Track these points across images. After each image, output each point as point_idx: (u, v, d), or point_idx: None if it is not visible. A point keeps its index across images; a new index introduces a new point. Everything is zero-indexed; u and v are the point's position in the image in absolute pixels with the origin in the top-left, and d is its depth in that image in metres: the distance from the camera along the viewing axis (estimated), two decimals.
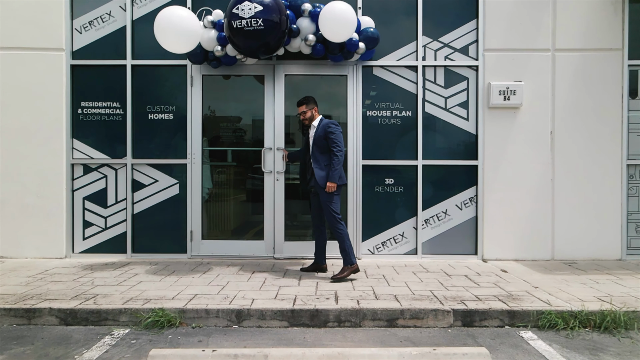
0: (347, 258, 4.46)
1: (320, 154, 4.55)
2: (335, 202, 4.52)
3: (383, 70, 5.56)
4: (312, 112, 4.68)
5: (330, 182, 4.45)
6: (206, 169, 5.73)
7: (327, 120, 4.59)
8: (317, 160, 4.55)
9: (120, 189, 5.55)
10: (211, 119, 5.74)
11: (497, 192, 5.49)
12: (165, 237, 5.56)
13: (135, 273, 4.73)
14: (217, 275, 4.66)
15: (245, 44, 4.77)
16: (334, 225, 4.50)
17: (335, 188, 4.47)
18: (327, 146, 4.51)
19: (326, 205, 4.51)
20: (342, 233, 4.48)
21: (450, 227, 5.55)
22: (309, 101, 4.69)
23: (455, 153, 5.56)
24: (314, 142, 4.60)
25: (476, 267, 5.12)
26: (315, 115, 4.70)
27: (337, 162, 4.44)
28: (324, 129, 4.52)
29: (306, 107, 4.65)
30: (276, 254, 5.29)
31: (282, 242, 5.40)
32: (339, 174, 4.49)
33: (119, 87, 5.53)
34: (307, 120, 4.70)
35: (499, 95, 5.38)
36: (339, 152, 4.45)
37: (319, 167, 4.54)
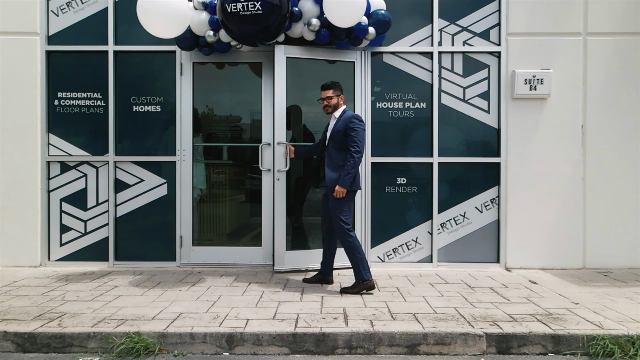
0: (358, 273, 3.89)
1: (337, 152, 3.94)
2: (345, 210, 3.91)
3: (394, 57, 4.99)
4: (338, 99, 4.06)
5: (340, 186, 3.83)
6: (198, 168, 5.16)
7: (351, 114, 3.96)
8: (332, 158, 3.95)
9: (102, 189, 4.98)
10: (203, 111, 5.17)
11: (521, 192, 4.92)
12: (152, 243, 4.99)
13: (115, 285, 4.15)
14: (208, 287, 4.08)
15: (241, 29, 4.21)
16: (343, 237, 3.92)
17: (345, 194, 3.86)
18: (345, 143, 3.89)
19: (335, 214, 3.92)
20: (352, 245, 3.88)
21: (469, 231, 4.98)
22: (337, 86, 4.06)
23: (474, 149, 4.99)
24: (331, 136, 4.00)
25: (500, 277, 4.54)
26: (340, 105, 4.08)
27: (352, 165, 3.81)
28: (345, 123, 3.89)
29: (333, 93, 4.03)
30: (277, 266, 4.61)
31: (283, 251, 4.67)
32: (352, 179, 3.86)
33: (100, 75, 4.96)
34: (330, 108, 4.07)
35: (524, 84, 4.81)
36: (356, 153, 3.82)
37: (332, 167, 3.93)
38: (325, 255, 4.22)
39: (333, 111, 4.08)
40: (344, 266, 4.62)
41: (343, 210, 3.90)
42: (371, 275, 3.91)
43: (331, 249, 4.20)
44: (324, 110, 4.10)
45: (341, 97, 4.08)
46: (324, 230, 4.19)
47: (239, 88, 5.19)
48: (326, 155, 4.02)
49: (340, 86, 4.10)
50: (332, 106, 4.06)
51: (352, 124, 3.85)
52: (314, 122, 5.13)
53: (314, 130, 5.18)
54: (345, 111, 4.05)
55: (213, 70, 5.10)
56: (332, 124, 4.08)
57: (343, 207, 3.90)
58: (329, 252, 4.20)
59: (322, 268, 4.24)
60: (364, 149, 3.94)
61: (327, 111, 4.10)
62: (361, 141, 3.84)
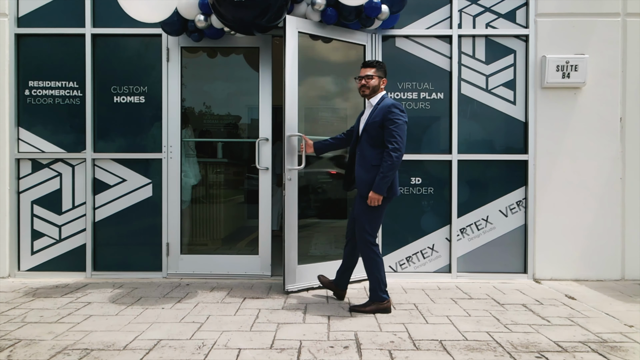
0: (375, 293, 3.32)
1: (370, 148, 3.28)
2: (374, 219, 3.28)
3: (408, 42, 4.43)
4: (380, 83, 3.37)
5: (375, 192, 3.18)
6: (189, 166, 4.59)
7: (391, 101, 3.27)
8: (364, 155, 3.30)
9: (79, 190, 4.42)
10: (193, 102, 4.60)
11: (552, 194, 4.35)
12: (135, 251, 4.43)
13: (88, 302, 3.59)
14: (196, 304, 3.52)
15: (234, 15, 3.67)
16: (364, 249, 3.33)
17: (381, 202, 3.22)
18: (381, 138, 3.22)
19: (361, 221, 3.30)
20: (372, 261, 3.30)
21: (492, 238, 4.41)
22: (382, 67, 3.40)
23: (499, 145, 4.43)
24: (365, 128, 3.33)
25: (530, 291, 3.98)
26: (380, 91, 3.40)
27: (389, 166, 3.14)
28: (383, 112, 3.21)
29: (375, 72, 3.35)
30: (288, 285, 3.81)
31: (294, 267, 3.89)
32: (390, 183, 3.21)
33: (76, 62, 4.39)
34: (367, 89, 3.37)
35: (555, 71, 4.25)
36: (395, 151, 3.13)
37: (364, 166, 3.29)
38: (343, 264, 3.59)
39: (370, 95, 3.39)
40: (354, 279, 4.06)
41: (372, 219, 3.28)
42: (389, 297, 3.35)
43: (353, 258, 3.56)
44: (360, 92, 3.44)
45: (383, 80, 3.40)
46: (349, 235, 3.55)
47: (234, 76, 4.62)
48: (358, 151, 3.38)
49: (385, 68, 3.44)
50: (370, 88, 3.35)
51: (392, 114, 3.16)
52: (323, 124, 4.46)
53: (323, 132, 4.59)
54: (385, 98, 3.35)
55: (204, 56, 4.54)
56: (367, 113, 3.42)
57: (373, 216, 3.27)
58: (350, 261, 3.57)
59: (335, 279, 3.65)
60: (404, 145, 3.20)
61: (363, 93, 3.42)
62: (402, 136, 3.15)
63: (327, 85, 4.44)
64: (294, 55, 3.85)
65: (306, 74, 4.12)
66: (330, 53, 4.31)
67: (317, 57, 4.28)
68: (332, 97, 4.43)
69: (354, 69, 4.32)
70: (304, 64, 3.99)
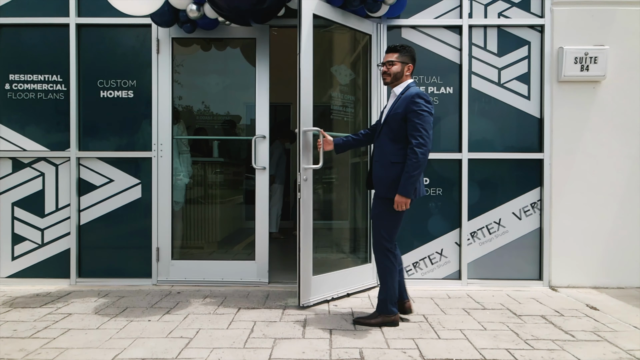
0: (383, 305, 3.03)
1: (390, 142, 2.94)
2: (393, 223, 2.96)
3: (415, 32, 4.14)
4: (404, 69, 3.01)
5: (401, 195, 2.82)
6: (181, 164, 4.31)
7: (416, 90, 2.92)
8: (383, 150, 2.97)
9: (63, 191, 4.13)
10: (185, 97, 4.32)
11: (568, 195, 4.07)
12: (123, 257, 4.14)
13: (69, 313, 3.30)
14: (186, 316, 3.23)
15: (229, 3, 3.39)
16: (378, 255, 3.02)
17: (408, 206, 2.87)
18: (403, 131, 2.89)
19: (377, 223, 2.99)
20: (386, 269, 2.99)
21: (505, 242, 4.13)
22: (406, 52, 3.02)
23: (512, 143, 4.14)
24: (386, 120, 3.00)
25: (548, 300, 3.69)
26: (405, 79, 3.04)
27: (414, 164, 2.78)
28: (406, 102, 2.86)
29: (398, 58, 3.00)
30: (303, 300, 3.40)
31: (309, 279, 3.47)
32: (416, 183, 2.86)
33: (60, 54, 4.11)
34: (389, 77, 3.03)
35: (573, 64, 3.96)
36: (419, 147, 2.78)
37: (382, 162, 2.96)
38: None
39: (393, 83, 3.04)
40: (356, 289, 3.78)
41: (390, 223, 2.95)
42: (397, 311, 3.06)
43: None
44: (383, 80, 3.11)
45: (408, 67, 3.03)
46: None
47: (229, 69, 4.34)
48: (376, 145, 3.07)
49: (412, 54, 3.06)
50: (392, 75, 3.01)
51: (416, 104, 2.81)
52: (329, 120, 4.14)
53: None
54: (410, 87, 2.98)
55: (197, 47, 4.25)
56: (389, 103, 3.07)
57: (391, 219, 2.94)
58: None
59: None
60: (431, 140, 2.86)
61: (384, 81, 3.07)
62: (427, 130, 2.81)
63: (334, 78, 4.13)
64: (309, 40, 3.44)
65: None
66: (335, 44, 4.02)
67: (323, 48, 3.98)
68: (340, 90, 4.11)
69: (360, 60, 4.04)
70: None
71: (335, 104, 3.99)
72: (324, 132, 3.36)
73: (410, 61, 3.05)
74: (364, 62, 4.09)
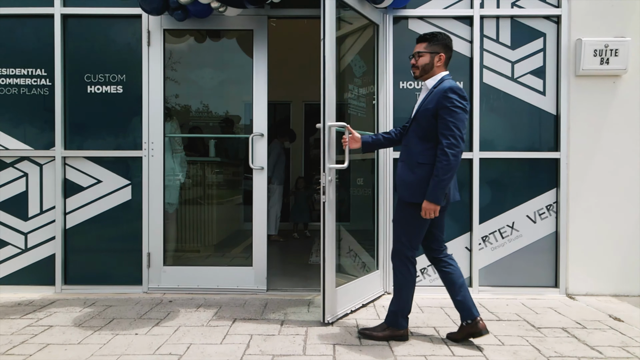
0: (394, 317, 2.77)
1: (419, 141, 2.64)
2: (417, 229, 2.67)
3: (423, 23, 3.89)
4: (433, 60, 2.69)
5: (429, 201, 2.53)
6: (175, 165, 4.06)
7: (450, 84, 2.59)
8: (410, 150, 2.68)
9: (48, 193, 3.88)
10: (178, 93, 4.07)
11: (587, 197, 3.82)
12: (112, 262, 3.89)
13: (50, 325, 3.04)
14: (177, 328, 2.98)
15: None
16: (397, 263, 2.73)
17: (437, 213, 2.57)
18: (434, 129, 2.58)
19: (398, 230, 2.72)
20: (404, 280, 2.72)
21: (518, 247, 3.87)
22: (437, 40, 2.70)
23: (526, 142, 3.89)
24: (415, 116, 2.70)
25: (566, 309, 3.44)
26: (437, 71, 2.71)
27: (445, 167, 2.48)
28: (438, 97, 2.55)
29: (427, 48, 2.70)
30: (328, 316, 3.06)
31: (333, 291, 3.13)
32: (446, 188, 2.53)
33: (44, 46, 3.86)
34: (416, 70, 2.73)
35: (593, 56, 3.71)
36: (451, 148, 2.48)
37: (409, 163, 2.67)
38: (450, 293, 2.79)
39: (423, 76, 2.73)
40: (369, 299, 3.52)
41: (413, 229, 2.66)
42: (408, 325, 2.80)
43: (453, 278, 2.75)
44: (412, 74, 2.81)
45: (439, 56, 2.68)
46: (428, 256, 2.87)
47: (224, 63, 4.09)
48: (404, 144, 2.78)
49: (445, 41, 2.71)
50: (420, 68, 2.71)
51: (448, 100, 2.51)
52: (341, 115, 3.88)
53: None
54: (443, 81, 2.65)
55: (190, 39, 4.00)
56: (420, 98, 2.74)
57: (415, 224, 2.65)
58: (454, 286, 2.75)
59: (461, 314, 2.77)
60: (463, 140, 2.55)
61: (414, 74, 2.77)
62: (460, 129, 2.50)
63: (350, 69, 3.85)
64: (332, 24, 3.10)
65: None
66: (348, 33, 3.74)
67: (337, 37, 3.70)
68: (354, 83, 3.83)
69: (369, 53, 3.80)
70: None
71: (351, 98, 3.72)
72: (350, 128, 3.04)
73: (442, 50, 2.70)
74: (373, 54, 3.84)
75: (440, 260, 2.80)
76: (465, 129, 2.57)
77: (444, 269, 2.78)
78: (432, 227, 2.77)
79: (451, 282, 2.74)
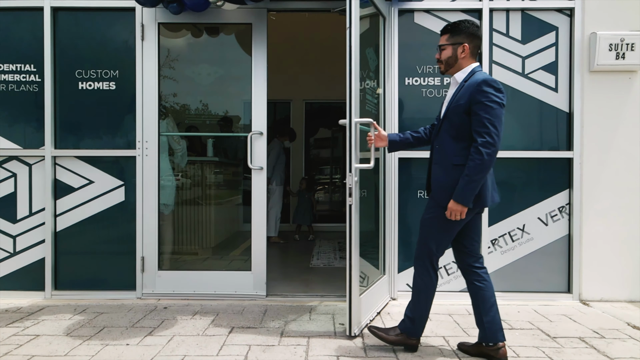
0: (408, 325, 2.58)
1: (452, 141, 2.42)
2: (445, 233, 2.46)
3: (429, 17, 3.72)
4: (456, 52, 2.47)
5: (456, 202, 2.33)
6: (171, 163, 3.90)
7: (484, 76, 2.36)
8: (444, 150, 2.46)
9: (37, 194, 3.71)
10: (173, 90, 3.91)
11: (601, 198, 3.65)
12: (105, 267, 3.73)
13: (36, 334, 2.88)
14: (171, 338, 2.81)
15: None
16: (420, 269, 2.53)
17: (464, 215, 2.36)
18: (467, 127, 2.37)
19: (425, 233, 2.51)
20: (423, 286, 2.53)
21: (529, 250, 3.71)
22: (459, 30, 2.47)
23: (537, 140, 3.72)
24: (446, 114, 2.48)
25: (581, 316, 3.27)
26: (464, 63, 2.48)
27: (477, 167, 2.27)
28: (470, 92, 2.33)
29: (448, 40, 2.49)
30: (354, 328, 2.81)
31: (358, 302, 2.87)
32: (478, 189, 2.33)
33: (34, 41, 3.69)
34: (442, 65, 2.53)
35: (608, 51, 3.54)
36: (486, 146, 2.26)
37: (442, 164, 2.45)
38: (476, 310, 2.55)
39: (450, 70, 2.51)
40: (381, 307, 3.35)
41: (442, 232, 2.46)
42: (421, 334, 2.62)
43: (486, 295, 2.49)
44: (439, 69, 2.64)
45: (463, 47, 2.45)
46: (460, 265, 2.62)
47: (222, 58, 3.93)
48: (436, 144, 2.56)
49: (468, 29, 2.46)
50: (444, 62, 2.50)
51: (482, 94, 2.28)
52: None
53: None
54: (475, 73, 2.43)
55: (186, 34, 3.84)
56: (450, 93, 2.52)
57: (445, 227, 2.44)
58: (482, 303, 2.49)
59: (479, 332, 2.54)
60: (499, 137, 2.31)
61: (440, 70, 2.57)
62: (496, 126, 2.28)
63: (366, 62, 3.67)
64: (357, 10, 2.84)
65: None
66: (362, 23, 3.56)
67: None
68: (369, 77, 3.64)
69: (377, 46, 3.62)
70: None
71: (367, 92, 3.54)
72: (377, 125, 2.82)
73: (465, 39, 2.45)
74: (379, 47, 3.66)
75: (474, 272, 2.52)
76: (502, 125, 2.34)
77: (477, 283, 2.50)
78: (468, 232, 2.53)
79: (482, 299, 2.48)
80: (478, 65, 2.51)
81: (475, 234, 2.56)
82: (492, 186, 2.48)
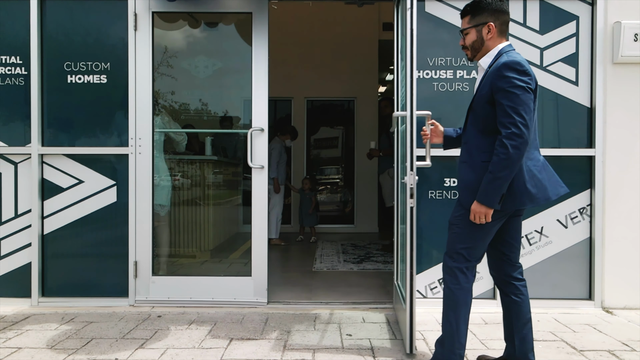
0: (443, 349, 2.20)
1: (479, 135, 2.14)
2: (476, 236, 2.14)
3: (441, 6, 3.49)
4: (481, 34, 2.16)
5: (480, 203, 2.04)
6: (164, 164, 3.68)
7: (506, 58, 2.04)
8: (471, 147, 2.18)
9: (23, 194, 3.48)
10: (168, 83, 3.68)
11: (626, 199, 3.42)
12: (96, 272, 3.50)
13: (18, 347, 2.65)
14: (164, 351, 2.58)
15: None
16: (448, 277, 2.20)
17: (490, 218, 2.07)
18: (493, 118, 2.07)
19: (453, 235, 2.22)
20: (452, 296, 2.18)
21: (548, 255, 3.47)
22: (479, 9, 2.15)
23: (556, 137, 3.49)
24: (471, 105, 2.22)
25: (606, 326, 3.04)
26: (492, 44, 2.16)
27: (502, 162, 1.97)
28: (492, 78, 2.04)
29: (470, 22, 2.18)
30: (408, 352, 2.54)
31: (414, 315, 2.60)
32: (504, 188, 2.02)
33: (20, 31, 3.46)
34: (467, 51, 2.23)
35: (634, 42, 3.31)
36: (511, 138, 1.96)
37: (470, 162, 2.15)
38: (504, 318, 2.31)
39: (476, 55, 2.21)
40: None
41: (473, 234, 2.14)
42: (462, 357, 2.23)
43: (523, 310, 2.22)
44: (466, 56, 2.34)
45: (488, 26, 2.13)
46: (496, 275, 2.31)
47: (220, 50, 3.70)
48: (463, 140, 2.30)
49: (491, 6, 2.13)
50: (469, 48, 2.20)
51: (503, 79, 1.99)
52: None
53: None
54: (502, 54, 2.10)
55: (182, 24, 3.61)
56: (477, 83, 2.19)
57: (477, 228, 2.12)
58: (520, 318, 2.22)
59: (506, 341, 2.33)
60: (529, 126, 1.98)
61: (467, 57, 2.27)
62: (523, 114, 1.96)
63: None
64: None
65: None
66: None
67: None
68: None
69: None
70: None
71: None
72: (432, 120, 2.52)
73: (489, 17, 2.13)
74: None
75: (511, 284, 2.21)
76: (531, 113, 2.04)
77: (513, 296, 2.21)
78: (504, 235, 2.22)
79: (517, 314, 2.20)
80: (508, 44, 2.19)
81: (514, 239, 2.25)
82: (549, 179, 2.13)
